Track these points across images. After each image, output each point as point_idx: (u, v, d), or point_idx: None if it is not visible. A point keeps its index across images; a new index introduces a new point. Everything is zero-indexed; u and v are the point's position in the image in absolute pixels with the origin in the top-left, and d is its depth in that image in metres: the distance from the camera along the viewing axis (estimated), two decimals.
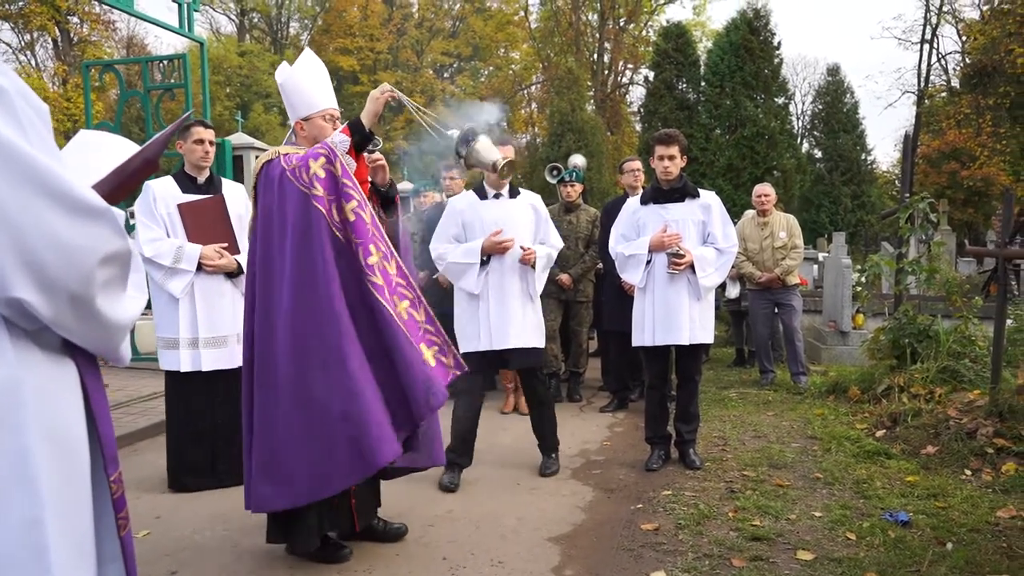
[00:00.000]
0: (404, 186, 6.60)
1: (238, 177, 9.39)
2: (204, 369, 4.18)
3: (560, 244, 4.60)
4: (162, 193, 4.20)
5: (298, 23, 37.10)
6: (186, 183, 4.29)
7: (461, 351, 4.21)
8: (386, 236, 3.04)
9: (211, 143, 4.33)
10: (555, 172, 7.02)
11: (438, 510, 3.90)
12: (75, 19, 24.52)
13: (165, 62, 7.88)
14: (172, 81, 7.64)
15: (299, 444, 2.87)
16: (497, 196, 4.43)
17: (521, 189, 4.58)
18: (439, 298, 5.49)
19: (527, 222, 4.42)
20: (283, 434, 2.89)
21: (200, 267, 4.14)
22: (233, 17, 36.29)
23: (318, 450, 2.85)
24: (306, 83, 3.21)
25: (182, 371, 4.17)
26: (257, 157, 14.45)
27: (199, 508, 3.96)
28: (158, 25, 7.21)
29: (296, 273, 2.90)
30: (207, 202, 4.25)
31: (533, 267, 4.35)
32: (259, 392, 2.96)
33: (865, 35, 59.72)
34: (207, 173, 4.36)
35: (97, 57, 22.59)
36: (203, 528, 3.68)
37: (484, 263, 4.32)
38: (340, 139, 3.00)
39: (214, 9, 34.83)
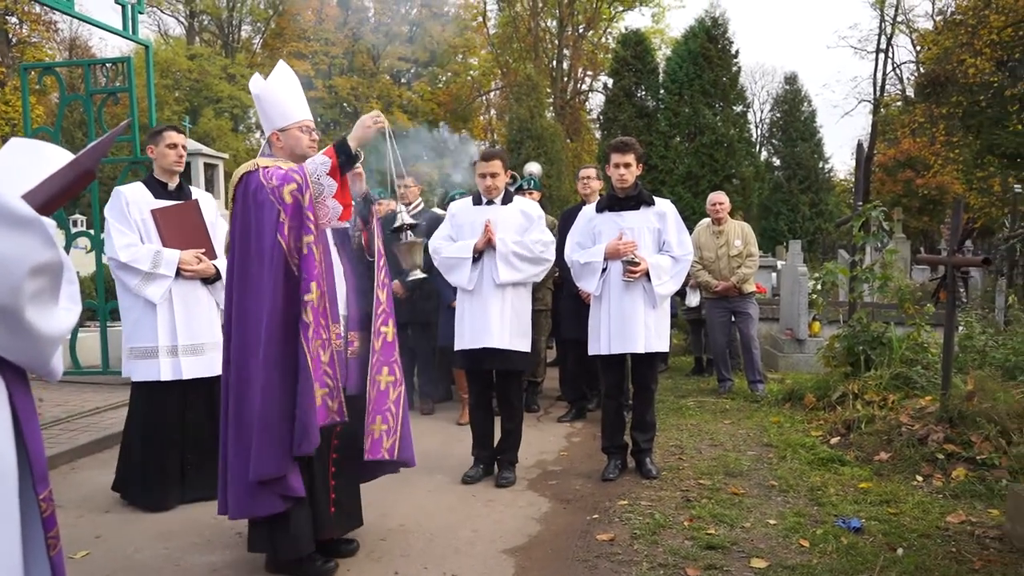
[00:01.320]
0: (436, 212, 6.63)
1: None
2: (184, 377, 4.13)
3: (544, 240, 4.55)
4: (134, 198, 4.17)
5: (250, 26, 36.72)
6: (157, 189, 4.26)
7: (456, 348, 4.59)
8: (335, 272, 3.18)
9: (184, 148, 4.34)
10: (512, 180, 7.06)
11: (391, 524, 3.88)
12: (14, 19, 23.96)
13: (109, 65, 7.74)
14: (116, 85, 7.51)
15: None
16: (490, 203, 4.63)
17: (518, 197, 4.74)
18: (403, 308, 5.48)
19: (515, 225, 4.57)
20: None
21: (178, 272, 4.11)
22: (182, 19, 35.80)
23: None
24: (281, 94, 3.26)
25: (162, 380, 4.10)
26: (207, 163, 14.20)
27: (143, 527, 3.89)
28: (100, 27, 7.09)
29: (270, 285, 3.00)
30: (182, 207, 4.24)
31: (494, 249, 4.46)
32: (233, 401, 3.06)
33: (822, 44, 61.19)
34: (177, 179, 4.34)
35: (37, 59, 22.09)
36: (144, 547, 3.61)
37: (476, 261, 4.49)
38: (322, 160, 3.09)
39: (162, 11, 34.33)
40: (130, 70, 7.18)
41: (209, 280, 4.24)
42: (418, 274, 3.79)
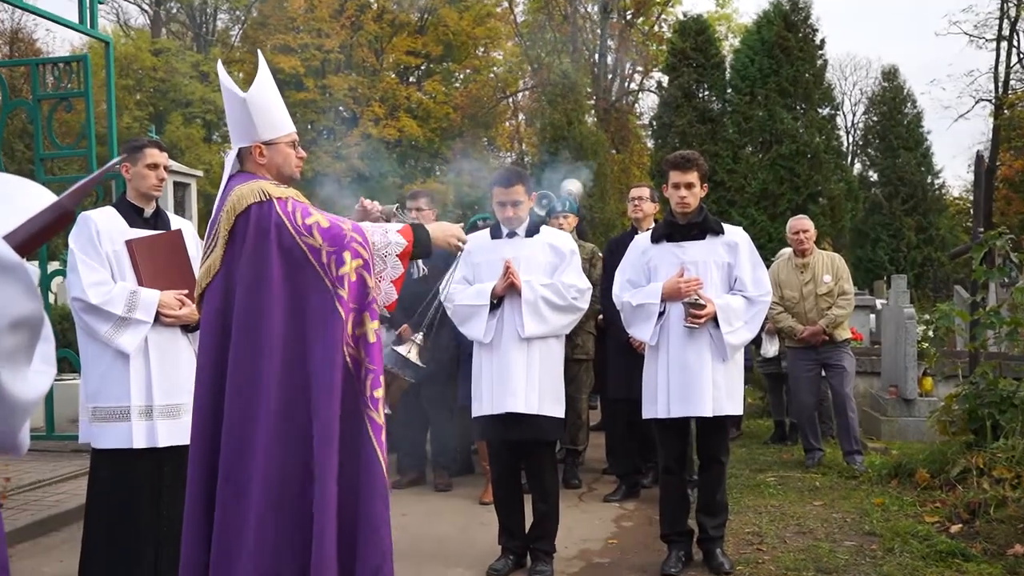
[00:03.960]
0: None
1: None
2: (160, 445, 4.10)
3: (579, 287, 4.60)
4: (106, 226, 4.14)
5: (227, 15, 37.55)
6: (131, 215, 4.25)
7: (473, 415, 4.66)
8: None
9: (166, 168, 4.35)
10: (544, 201, 7.11)
11: None
12: None
13: (61, 65, 7.95)
14: (69, 88, 7.70)
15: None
16: (512, 235, 4.67)
17: (545, 227, 4.79)
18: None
19: (542, 264, 4.60)
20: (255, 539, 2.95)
21: (156, 317, 4.12)
22: (146, 7, 36.69)
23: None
24: (270, 99, 3.29)
25: (135, 447, 4.08)
26: (179, 181, 14.35)
27: None
28: (52, 20, 7.28)
29: (298, 372, 3.00)
30: (162, 237, 4.24)
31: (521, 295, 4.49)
32: (224, 486, 3.01)
33: (928, 31, 61.22)
34: (155, 205, 4.36)
35: None
36: None
37: (495, 308, 4.52)
38: (396, 241, 3.13)
39: None
40: (87, 70, 7.35)
41: (191, 328, 4.24)
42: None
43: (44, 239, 1.64)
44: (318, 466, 2.93)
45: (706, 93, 20.16)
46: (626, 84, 31.46)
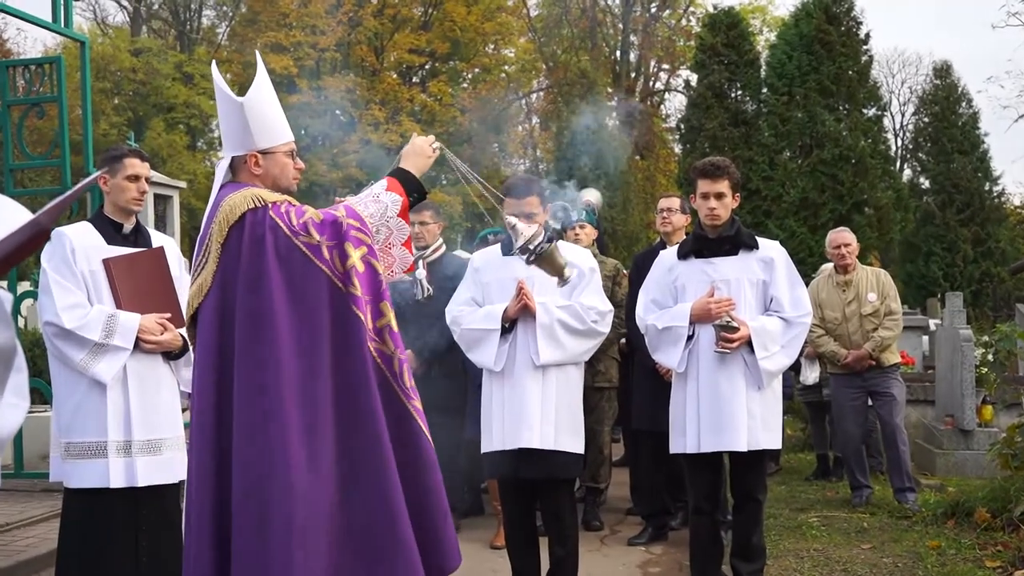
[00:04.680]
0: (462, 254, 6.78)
1: None
2: (139, 484, 4.09)
3: (599, 308, 4.61)
4: (82, 244, 4.14)
5: (214, 11, 37.86)
6: (109, 231, 4.26)
7: (482, 450, 4.66)
8: None
9: (148, 180, 4.37)
10: (561, 213, 7.11)
11: None
12: None
13: (33, 67, 8.03)
14: (41, 92, 7.77)
15: None
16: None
17: (561, 242, 4.78)
18: None
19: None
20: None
21: (136, 344, 4.12)
22: (125, 3, 37.03)
23: None
24: (269, 104, 3.32)
25: (112, 487, 4.07)
26: (163, 194, 14.43)
27: None
28: (23, 18, 7.35)
29: (323, 383, 3.05)
30: (142, 256, 4.25)
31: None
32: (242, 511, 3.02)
33: (984, 23, 61.12)
34: (135, 220, 4.38)
35: None
36: None
37: (507, 332, 4.51)
38: (391, 199, 3.19)
39: None
40: (61, 73, 7.43)
41: (173, 355, 4.26)
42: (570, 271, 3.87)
43: (18, 259, 1.66)
44: (372, 471, 3.03)
45: (739, 93, 20.21)
46: (651, 83, 31.55)
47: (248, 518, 3.00)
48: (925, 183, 27.04)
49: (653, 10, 30.66)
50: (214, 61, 3.51)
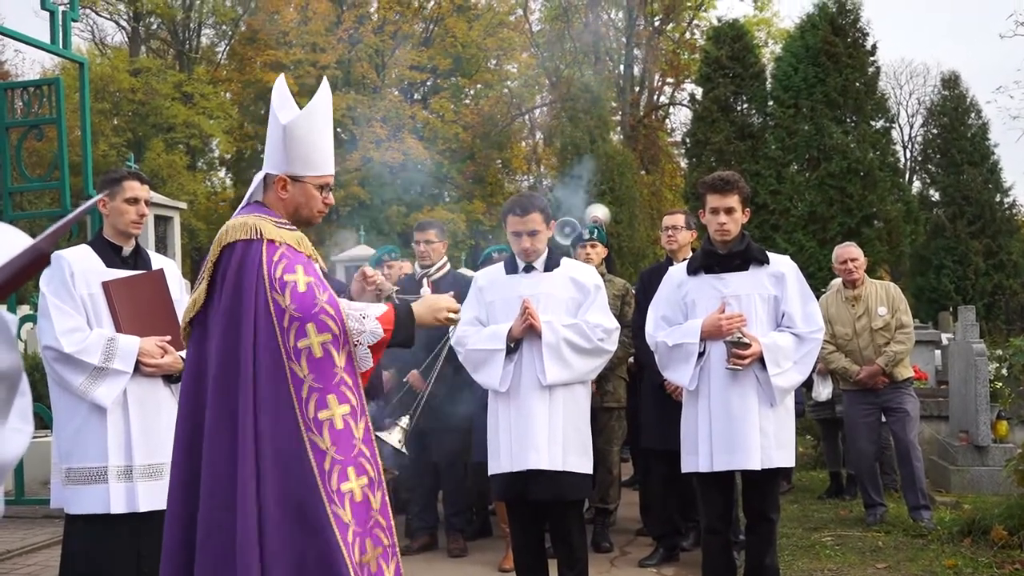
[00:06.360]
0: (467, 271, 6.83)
1: None
2: (140, 509, 4.11)
3: (606, 326, 4.61)
4: (81, 267, 4.17)
5: (213, 29, 38.02)
6: (109, 254, 4.29)
7: (490, 472, 4.67)
8: None
9: (148, 203, 4.40)
10: (568, 229, 7.13)
11: None
12: None
13: (31, 89, 8.07)
14: (40, 114, 7.80)
15: None
16: (529, 269, 4.68)
17: (567, 259, 4.81)
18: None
19: (564, 301, 4.62)
20: None
21: (136, 367, 4.13)
22: (124, 24, 37.18)
23: None
24: (315, 132, 3.27)
25: (113, 512, 4.08)
26: (168, 216, 14.46)
27: None
28: (21, 40, 7.41)
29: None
30: (142, 278, 4.28)
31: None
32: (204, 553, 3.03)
33: (992, 32, 61.13)
34: (134, 243, 4.41)
35: None
36: None
37: (512, 352, 4.52)
38: (372, 327, 3.12)
39: (98, 13, 35.69)
40: (59, 95, 7.46)
41: (174, 378, 4.24)
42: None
43: (19, 284, 1.67)
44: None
45: (745, 106, 20.25)
46: (655, 97, 31.62)
47: (212, 549, 3.04)
48: (935, 195, 27.04)
49: (657, 23, 30.75)
50: (281, 76, 3.44)
